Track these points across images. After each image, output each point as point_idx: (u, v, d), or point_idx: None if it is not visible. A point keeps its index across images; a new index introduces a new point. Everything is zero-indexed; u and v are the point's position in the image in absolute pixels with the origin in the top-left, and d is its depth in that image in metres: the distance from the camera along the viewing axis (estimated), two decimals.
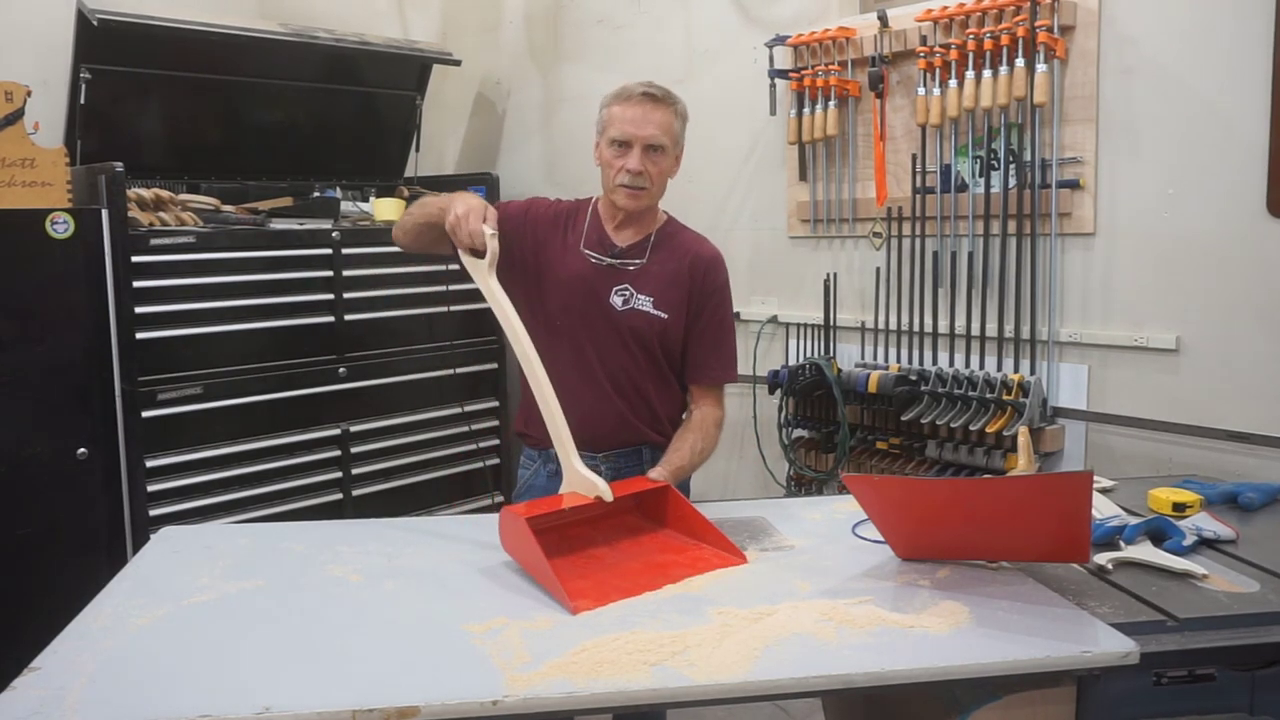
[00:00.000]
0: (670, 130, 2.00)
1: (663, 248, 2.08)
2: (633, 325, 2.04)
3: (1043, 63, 2.51)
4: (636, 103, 1.97)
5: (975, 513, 1.58)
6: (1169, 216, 2.44)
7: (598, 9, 3.74)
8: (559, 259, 2.06)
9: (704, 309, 2.09)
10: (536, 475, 2.12)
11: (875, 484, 1.67)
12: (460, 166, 4.31)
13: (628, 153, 1.97)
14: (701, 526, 1.75)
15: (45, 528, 2.71)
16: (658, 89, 1.99)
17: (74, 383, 2.74)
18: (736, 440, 3.41)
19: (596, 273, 2.05)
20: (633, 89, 1.99)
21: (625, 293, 2.04)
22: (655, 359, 2.07)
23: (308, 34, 3.43)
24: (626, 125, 1.96)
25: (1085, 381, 2.61)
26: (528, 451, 2.17)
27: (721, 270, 2.13)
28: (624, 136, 1.97)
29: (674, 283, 2.06)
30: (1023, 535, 1.56)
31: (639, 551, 1.72)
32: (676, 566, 1.64)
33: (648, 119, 1.96)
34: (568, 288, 2.04)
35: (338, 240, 3.26)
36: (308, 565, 1.69)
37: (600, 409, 2.03)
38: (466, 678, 1.27)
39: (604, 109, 2.03)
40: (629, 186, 1.98)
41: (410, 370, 3.43)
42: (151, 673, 1.28)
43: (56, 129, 3.13)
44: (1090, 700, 1.38)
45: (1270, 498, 1.98)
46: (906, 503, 1.64)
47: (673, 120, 2.00)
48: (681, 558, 1.68)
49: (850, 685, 1.30)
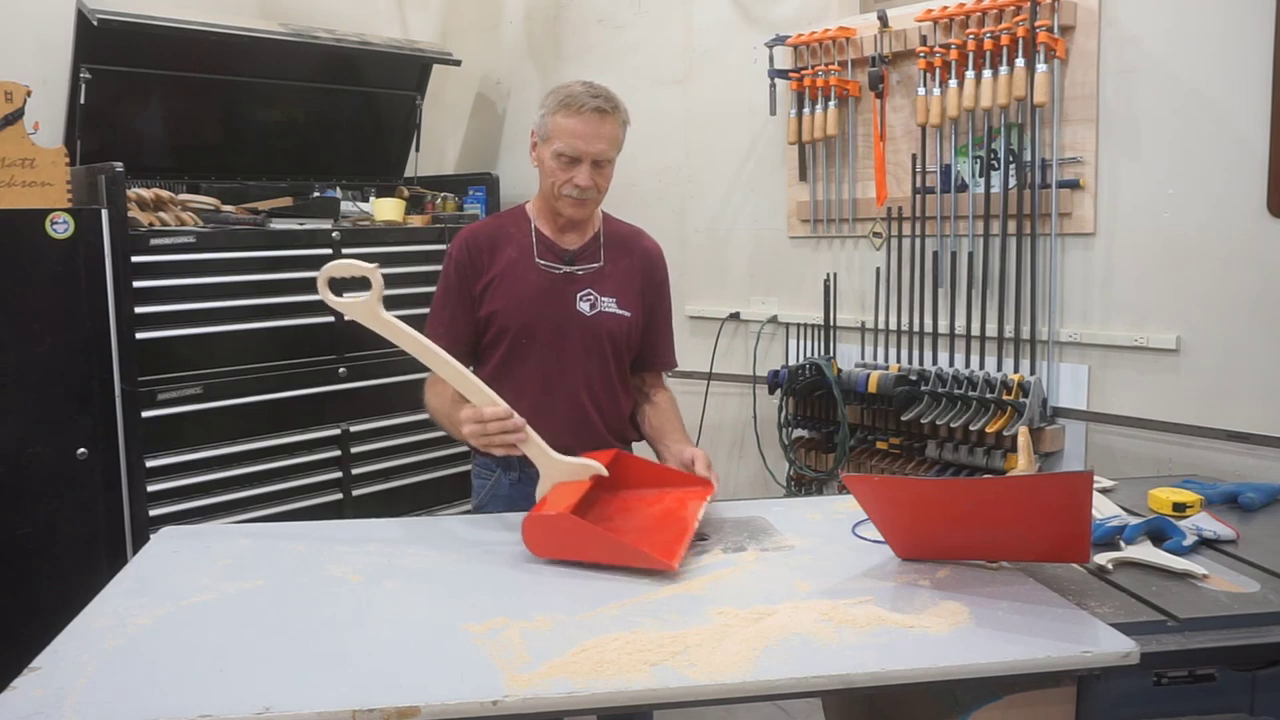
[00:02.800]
0: (616, 141, 1.98)
1: (614, 246, 2.10)
2: (606, 327, 2.05)
3: (1043, 63, 2.51)
4: (586, 118, 1.91)
5: (975, 512, 1.58)
6: (1169, 216, 2.44)
7: (598, 9, 3.74)
8: (510, 279, 2.02)
9: (657, 302, 2.15)
10: (499, 485, 2.11)
11: (875, 484, 1.67)
12: (460, 166, 4.31)
13: (575, 166, 1.94)
14: (660, 472, 1.88)
15: (45, 528, 2.71)
16: (604, 100, 1.94)
17: (74, 383, 2.74)
18: (736, 440, 3.41)
19: (555, 283, 2.03)
20: (580, 99, 1.91)
21: (590, 297, 2.04)
22: (620, 359, 2.09)
23: (308, 34, 3.43)
24: (576, 141, 1.92)
25: (1085, 381, 2.61)
26: (483, 462, 2.14)
27: (664, 261, 2.20)
28: (574, 152, 1.93)
29: (630, 281, 2.10)
30: (1023, 535, 1.56)
31: (633, 513, 1.79)
32: (676, 509, 1.76)
33: (598, 134, 1.92)
34: (528, 305, 2.02)
35: (338, 240, 3.26)
36: (308, 565, 1.68)
37: (574, 418, 2.03)
38: (466, 678, 1.27)
39: (548, 115, 1.95)
40: (576, 198, 1.97)
41: (410, 370, 3.39)
42: (151, 673, 1.28)
43: (56, 129, 3.13)
44: (1090, 700, 1.38)
45: (1270, 498, 1.98)
46: (906, 502, 1.64)
47: (619, 130, 1.98)
48: (668, 502, 1.80)
49: (850, 685, 1.29)
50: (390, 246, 3.42)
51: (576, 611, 1.47)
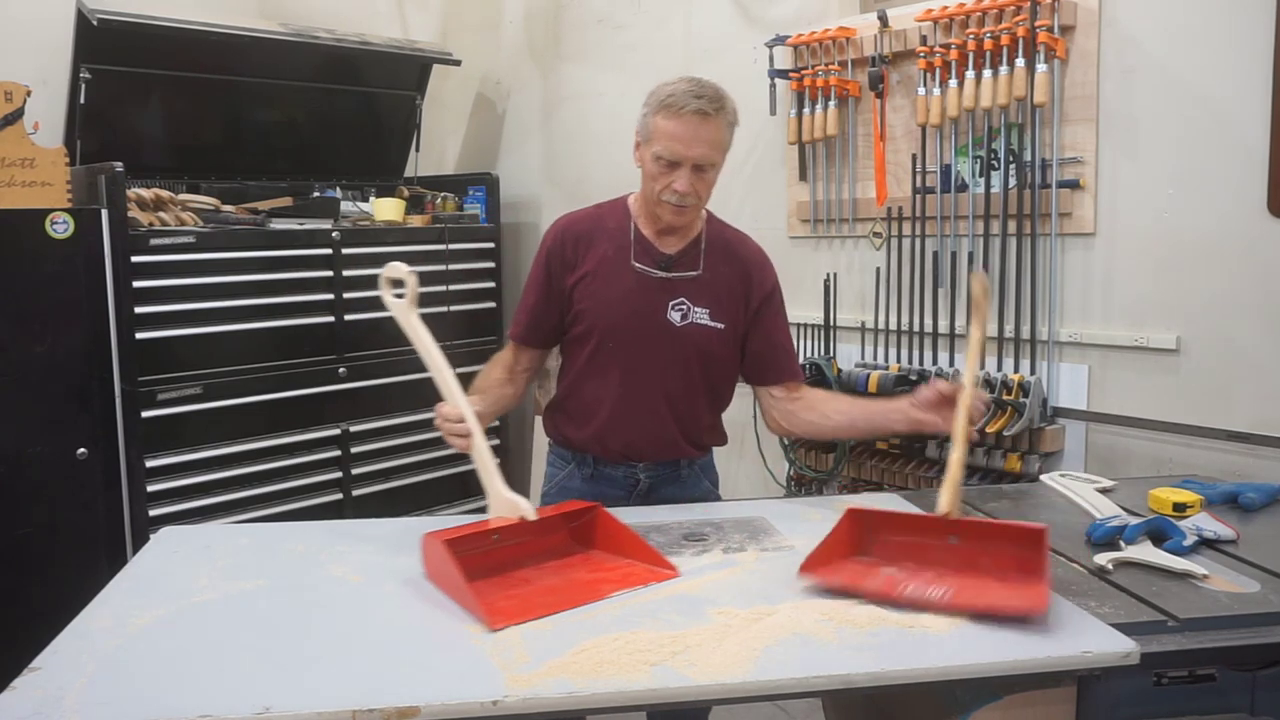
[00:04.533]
0: (720, 144, 1.88)
1: (715, 254, 2.00)
2: (694, 340, 1.98)
3: (1043, 63, 2.51)
4: (687, 120, 1.81)
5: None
6: (1169, 216, 2.44)
7: (598, 9, 3.74)
8: (603, 278, 1.96)
9: (765, 311, 2.03)
10: (571, 478, 2.08)
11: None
12: (460, 166, 4.31)
13: (675, 170, 1.85)
14: (631, 543, 1.69)
15: (45, 528, 2.71)
16: (709, 100, 1.83)
17: (74, 383, 2.74)
18: (736, 440, 3.41)
19: (649, 288, 1.96)
20: (682, 100, 1.82)
21: (682, 307, 1.97)
22: (708, 372, 2.02)
23: (308, 34, 3.44)
24: (675, 145, 1.82)
25: (1085, 381, 2.60)
26: (560, 452, 2.12)
27: (772, 269, 2.08)
28: (672, 156, 1.84)
29: (730, 291, 2.00)
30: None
31: (567, 570, 1.67)
32: (606, 583, 1.59)
33: (698, 138, 1.82)
34: (618, 308, 1.96)
35: (337, 240, 3.26)
36: (308, 565, 1.68)
37: (651, 427, 2.00)
38: (466, 678, 1.27)
39: (649, 115, 1.87)
40: (676, 204, 1.89)
41: (410, 370, 3.43)
42: (151, 673, 1.28)
43: (56, 129, 3.13)
44: (1090, 700, 1.38)
45: (1271, 498, 1.98)
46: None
47: (723, 132, 1.87)
48: (611, 574, 1.64)
49: (850, 685, 1.29)
50: (390, 246, 3.42)
51: (576, 612, 1.47)
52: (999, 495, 2.11)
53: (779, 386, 2.06)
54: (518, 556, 1.69)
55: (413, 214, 3.66)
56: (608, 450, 2.03)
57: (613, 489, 2.03)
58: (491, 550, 1.66)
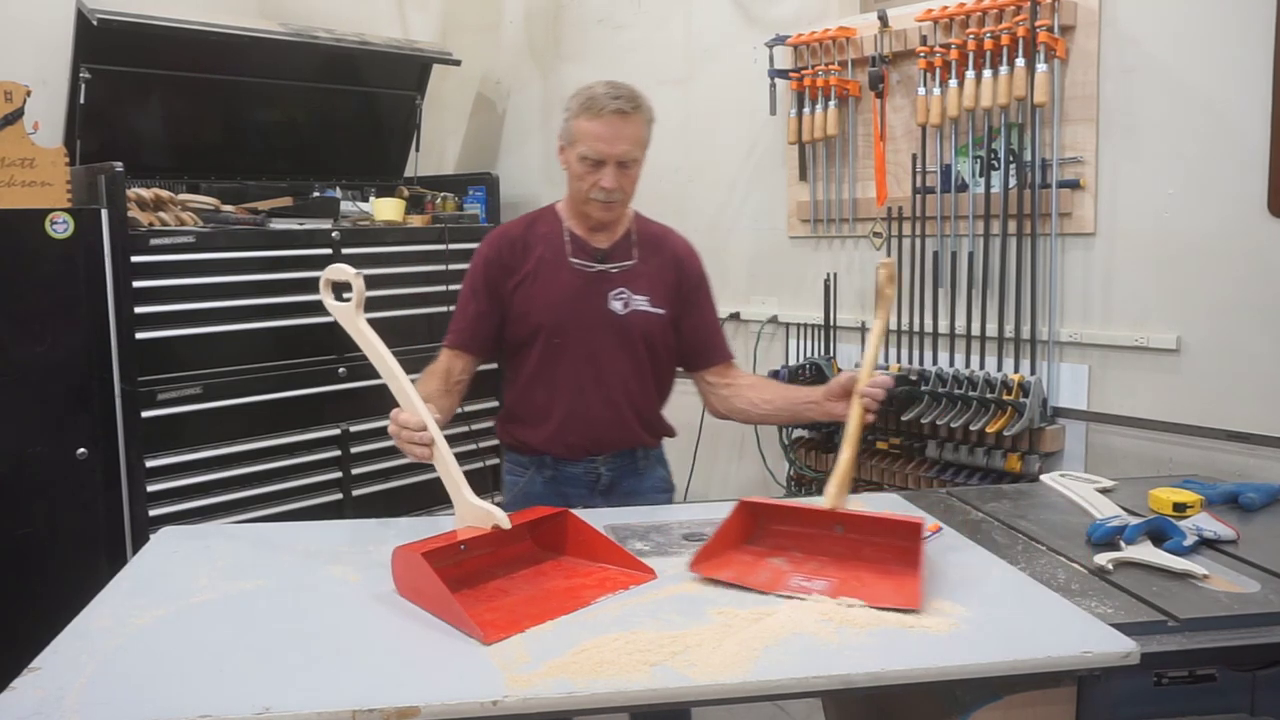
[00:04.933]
0: (641, 141, 1.99)
1: (646, 245, 2.11)
2: (640, 326, 2.05)
3: (1043, 63, 2.51)
4: (608, 120, 1.93)
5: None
6: (1169, 216, 2.44)
7: (598, 9, 3.74)
8: (543, 278, 2.03)
9: (697, 297, 2.14)
10: (532, 482, 2.12)
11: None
12: (460, 166, 4.31)
13: (600, 169, 1.95)
14: (604, 547, 1.67)
15: (45, 528, 2.71)
16: (626, 100, 1.95)
17: (74, 383, 2.74)
18: (736, 440, 3.41)
19: (588, 281, 2.04)
20: (602, 102, 1.93)
21: (623, 296, 2.05)
22: (654, 357, 2.09)
23: (308, 34, 3.43)
24: (599, 144, 1.93)
25: (1085, 381, 2.60)
26: (517, 459, 2.16)
27: (699, 258, 2.19)
28: (597, 155, 1.94)
29: (664, 279, 2.10)
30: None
31: (542, 578, 1.63)
32: (585, 589, 1.57)
33: (619, 136, 1.94)
34: (561, 305, 2.03)
35: (338, 240, 3.26)
36: (308, 565, 1.68)
37: (607, 417, 2.05)
38: (466, 678, 1.27)
39: (571, 119, 1.98)
40: (603, 201, 1.99)
41: (410, 370, 3.38)
42: (151, 673, 1.28)
43: (56, 129, 3.13)
44: (1090, 700, 1.38)
45: (1271, 498, 1.98)
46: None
47: (642, 129, 1.99)
48: (588, 580, 1.61)
49: (850, 685, 1.29)
50: (390, 246, 3.42)
51: (577, 612, 1.47)
52: (999, 495, 2.11)
53: (714, 370, 2.16)
54: (489, 566, 1.65)
55: (413, 214, 3.66)
56: (568, 447, 2.06)
57: (575, 488, 2.07)
58: (462, 561, 1.61)
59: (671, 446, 2.27)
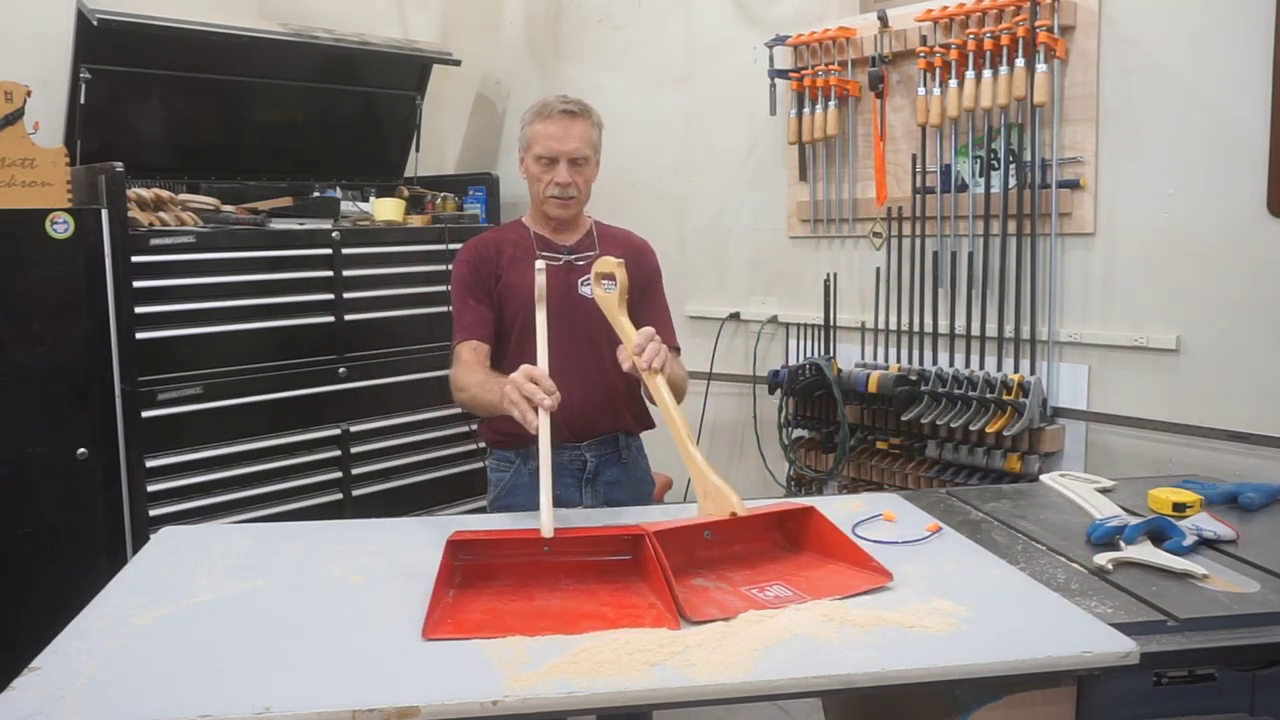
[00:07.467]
0: (590, 141, 2.13)
1: (607, 242, 2.23)
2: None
3: (1043, 63, 2.51)
4: (557, 120, 2.10)
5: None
6: (1169, 216, 2.44)
7: (598, 9, 3.74)
8: (517, 274, 2.14)
9: (648, 290, 2.23)
10: (519, 474, 2.17)
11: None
12: (460, 166, 4.31)
13: (554, 167, 2.11)
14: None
15: (45, 528, 2.70)
16: (574, 103, 2.12)
17: (74, 383, 2.74)
18: (737, 440, 3.41)
19: (556, 271, 2.15)
20: (552, 106, 2.11)
21: (590, 281, 2.11)
22: None
23: (308, 34, 3.43)
24: (551, 142, 2.09)
25: (1085, 381, 2.61)
26: (501, 454, 2.22)
27: (653, 254, 2.30)
28: (549, 153, 2.10)
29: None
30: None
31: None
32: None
33: (569, 134, 2.10)
34: (531, 290, 2.05)
35: (337, 240, 3.26)
36: (308, 565, 1.68)
37: (588, 399, 2.11)
38: (466, 678, 1.27)
39: (525, 127, 2.15)
40: (559, 198, 2.12)
41: (410, 370, 3.43)
42: (151, 673, 1.28)
43: (56, 129, 3.13)
44: (1090, 700, 1.38)
45: (1270, 498, 1.98)
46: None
47: (591, 131, 2.14)
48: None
49: (850, 685, 1.29)
50: (390, 246, 3.41)
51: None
52: (999, 495, 2.11)
53: None
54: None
55: (413, 214, 3.66)
56: (555, 432, 2.05)
57: (562, 477, 2.11)
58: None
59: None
